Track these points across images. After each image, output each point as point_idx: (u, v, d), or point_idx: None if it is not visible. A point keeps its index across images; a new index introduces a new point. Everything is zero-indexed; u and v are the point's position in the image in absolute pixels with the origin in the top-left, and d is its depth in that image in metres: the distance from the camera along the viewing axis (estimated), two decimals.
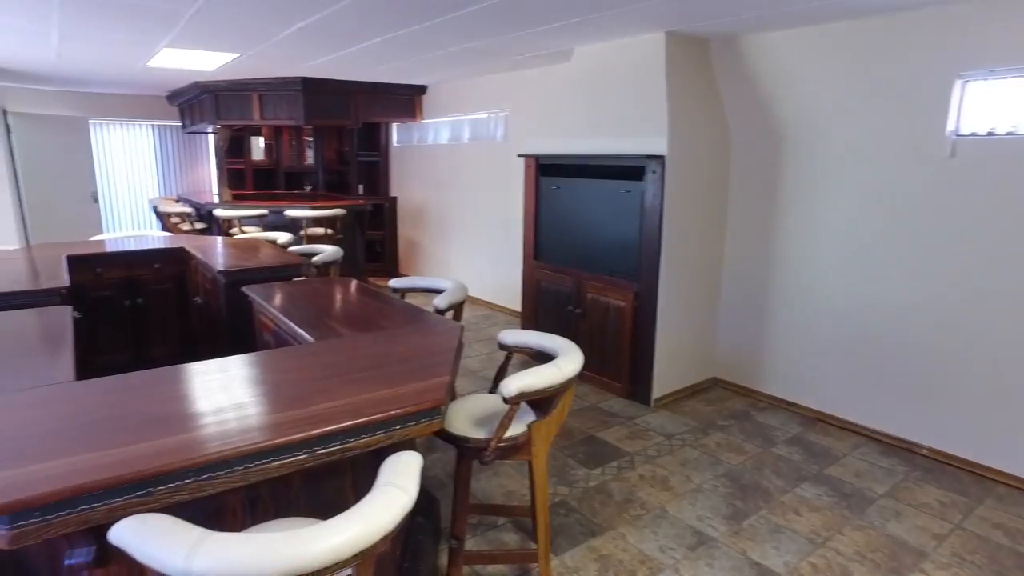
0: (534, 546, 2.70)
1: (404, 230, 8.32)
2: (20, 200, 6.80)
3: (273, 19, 3.87)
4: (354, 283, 3.39)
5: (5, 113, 6.62)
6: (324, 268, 4.18)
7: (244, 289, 3.16)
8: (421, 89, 7.45)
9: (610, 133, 4.34)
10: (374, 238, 8.28)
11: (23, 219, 6.77)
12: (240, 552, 1.11)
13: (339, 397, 1.73)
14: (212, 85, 6.85)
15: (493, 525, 2.88)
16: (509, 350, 2.53)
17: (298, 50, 4.92)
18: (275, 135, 9.59)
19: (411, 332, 2.44)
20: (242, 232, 6.41)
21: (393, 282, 3.46)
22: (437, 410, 1.76)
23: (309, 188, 9.45)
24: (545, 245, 4.96)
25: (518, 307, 6.16)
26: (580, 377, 2.51)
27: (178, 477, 1.38)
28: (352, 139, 8.51)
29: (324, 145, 9.15)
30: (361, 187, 8.57)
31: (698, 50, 4.28)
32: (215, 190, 9.59)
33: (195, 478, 1.40)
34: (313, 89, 6.64)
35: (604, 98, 4.46)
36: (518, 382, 1.99)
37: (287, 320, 2.54)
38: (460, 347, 2.29)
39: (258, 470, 1.47)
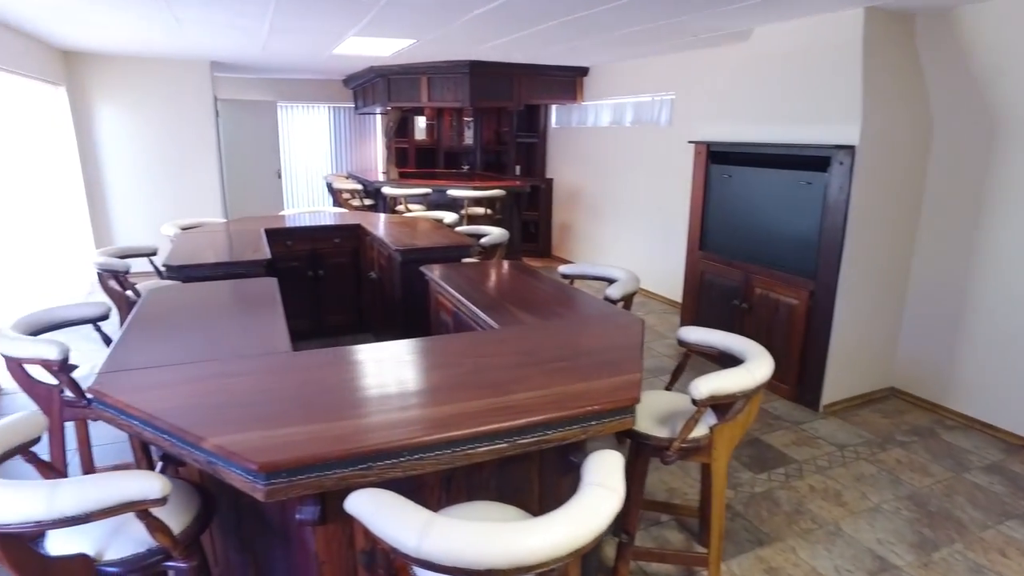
0: (701, 549, 2.64)
1: (558, 212, 8.37)
2: (222, 177, 7.60)
3: (454, 6, 3.98)
4: (525, 267, 3.45)
5: (216, 100, 7.40)
6: (491, 250, 4.30)
7: (422, 269, 3.32)
8: (583, 71, 7.39)
9: (791, 120, 4.06)
10: (528, 219, 8.40)
11: (223, 194, 7.57)
12: (467, 539, 1.17)
13: (536, 387, 1.77)
14: (385, 69, 7.22)
15: (655, 521, 2.85)
16: (690, 348, 2.47)
17: (472, 35, 5.04)
18: (437, 116, 9.98)
19: (592, 322, 2.44)
20: (408, 210, 6.74)
21: (563, 268, 3.49)
22: (631, 408, 1.75)
23: (467, 168, 9.75)
24: (712, 235, 4.77)
25: (674, 296, 6.02)
26: None
27: (396, 455, 1.48)
28: (512, 120, 8.64)
29: (483, 126, 9.37)
30: (518, 168, 8.70)
31: (901, 27, 3.87)
32: (380, 168, 10.17)
33: (409, 458, 1.49)
34: (479, 72, 6.81)
35: (786, 82, 4.17)
36: (709, 384, 1.93)
37: (470, 304, 2.64)
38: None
39: (464, 455, 1.54)
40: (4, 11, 4.40)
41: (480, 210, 6.64)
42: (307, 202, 10.36)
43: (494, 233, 4.36)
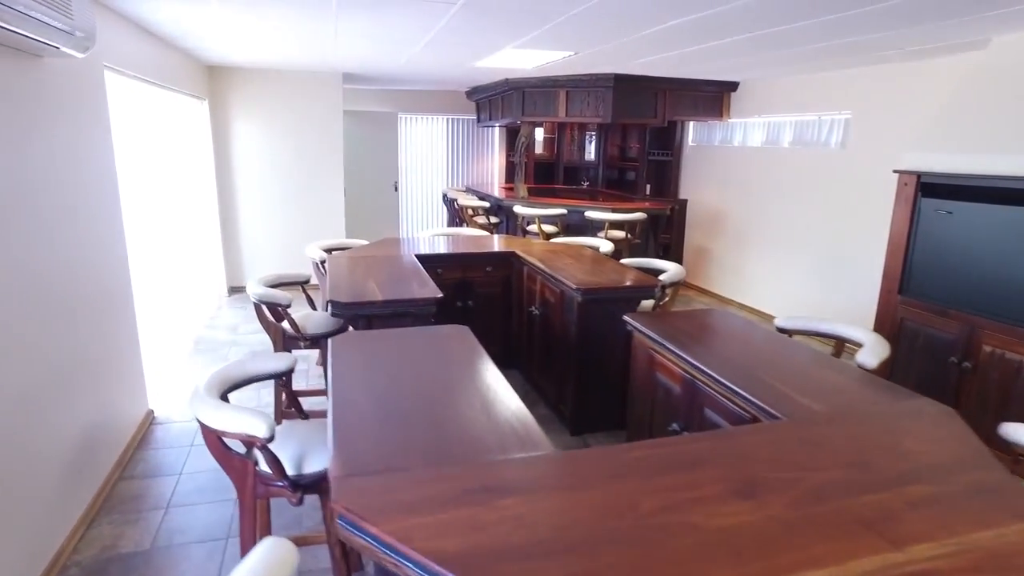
0: None
1: (692, 235, 7.77)
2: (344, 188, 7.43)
3: (642, 20, 3.54)
4: (738, 318, 2.94)
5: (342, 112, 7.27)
6: (666, 289, 3.82)
7: (626, 318, 2.86)
8: (732, 86, 6.80)
9: None
10: (661, 242, 7.84)
11: (346, 206, 7.39)
12: None
13: (927, 535, 1.27)
14: (521, 82, 6.87)
15: None
16: (1020, 453, 1.90)
17: (639, 48, 4.58)
18: (557, 129, 9.58)
19: (892, 411, 1.90)
20: (541, 231, 6.35)
21: (781, 321, 2.97)
22: None
23: (586, 184, 9.32)
24: (919, 278, 4.10)
25: None
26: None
27: None
28: (643, 136, 8.13)
29: (607, 141, 8.90)
30: (648, 187, 8.17)
31: None
32: (497, 182, 9.87)
33: None
34: (623, 86, 6.34)
35: None
36: None
37: (721, 378, 2.15)
38: None
39: None
40: (162, 28, 4.29)
41: (620, 233, 6.15)
42: (420, 215, 10.14)
43: (671, 270, 3.87)
